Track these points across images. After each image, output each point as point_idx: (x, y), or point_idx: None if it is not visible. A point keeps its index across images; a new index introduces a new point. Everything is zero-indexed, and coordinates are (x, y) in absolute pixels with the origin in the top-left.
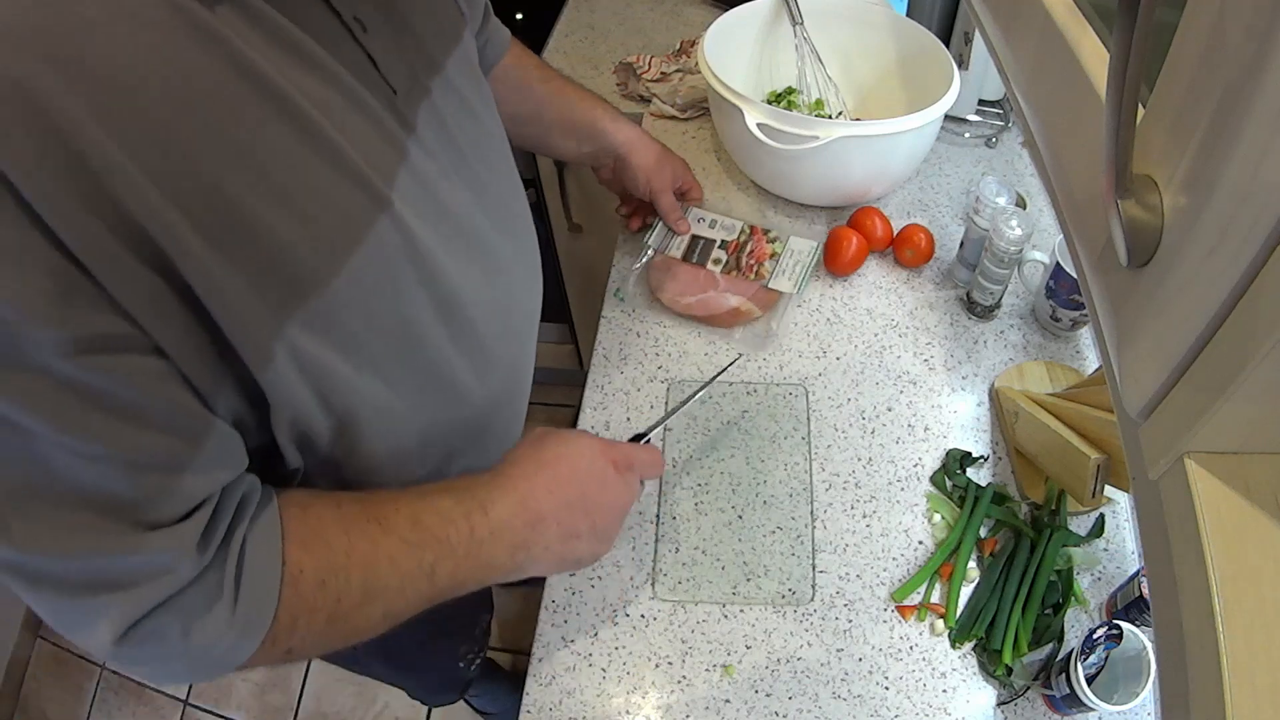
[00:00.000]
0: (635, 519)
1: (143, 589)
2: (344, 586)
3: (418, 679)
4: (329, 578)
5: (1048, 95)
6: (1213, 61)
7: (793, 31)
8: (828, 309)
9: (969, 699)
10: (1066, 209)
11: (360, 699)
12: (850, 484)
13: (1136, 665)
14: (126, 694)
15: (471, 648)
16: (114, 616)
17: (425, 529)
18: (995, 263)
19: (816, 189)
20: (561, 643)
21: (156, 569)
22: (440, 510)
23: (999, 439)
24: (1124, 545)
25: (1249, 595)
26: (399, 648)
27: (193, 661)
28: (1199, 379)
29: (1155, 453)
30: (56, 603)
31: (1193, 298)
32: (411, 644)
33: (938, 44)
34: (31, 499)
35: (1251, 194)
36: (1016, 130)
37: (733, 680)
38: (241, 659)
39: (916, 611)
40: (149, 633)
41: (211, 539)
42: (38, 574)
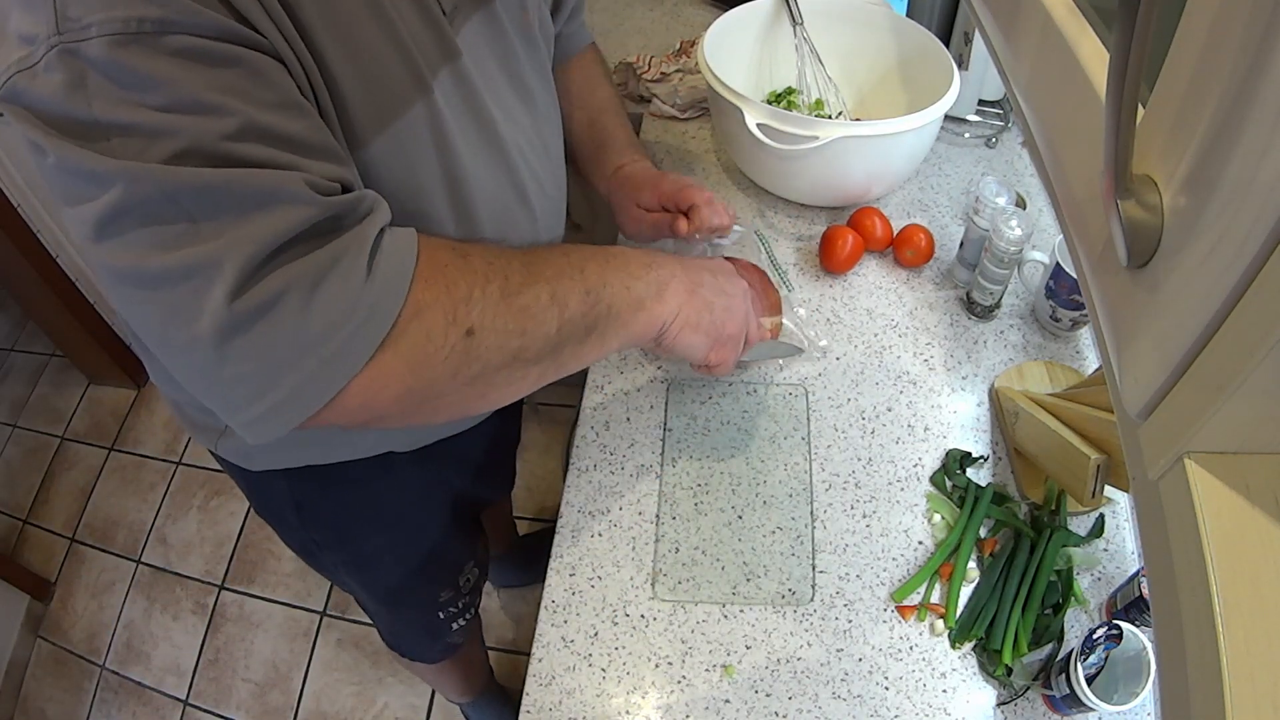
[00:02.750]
0: (635, 519)
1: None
2: (509, 266)
3: (392, 613)
4: (495, 259)
5: (1048, 95)
6: (1213, 61)
7: (793, 31)
8: (828, 309)
9: (969, 699)
10: (1066, 209)
11: (360, 699)
12: (850, 484)
13: (1136, 665)
14: (126, 694)
15: (454, 600)
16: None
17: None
18: (995, 263)
19: (816, 189)
20: (561, 643)
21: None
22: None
23: (999, 439)
24: (1124, 545)
25: (1249, 595)
26: (382, 566)
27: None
28: (1199, 379)
29: (1155, 453)
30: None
31: (1193, 298)
32: (395, 568)
33: (938, 44)
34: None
35: (1251, 194)
36: (1016, 130)
37: (733, 680)
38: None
39: (916, 611)
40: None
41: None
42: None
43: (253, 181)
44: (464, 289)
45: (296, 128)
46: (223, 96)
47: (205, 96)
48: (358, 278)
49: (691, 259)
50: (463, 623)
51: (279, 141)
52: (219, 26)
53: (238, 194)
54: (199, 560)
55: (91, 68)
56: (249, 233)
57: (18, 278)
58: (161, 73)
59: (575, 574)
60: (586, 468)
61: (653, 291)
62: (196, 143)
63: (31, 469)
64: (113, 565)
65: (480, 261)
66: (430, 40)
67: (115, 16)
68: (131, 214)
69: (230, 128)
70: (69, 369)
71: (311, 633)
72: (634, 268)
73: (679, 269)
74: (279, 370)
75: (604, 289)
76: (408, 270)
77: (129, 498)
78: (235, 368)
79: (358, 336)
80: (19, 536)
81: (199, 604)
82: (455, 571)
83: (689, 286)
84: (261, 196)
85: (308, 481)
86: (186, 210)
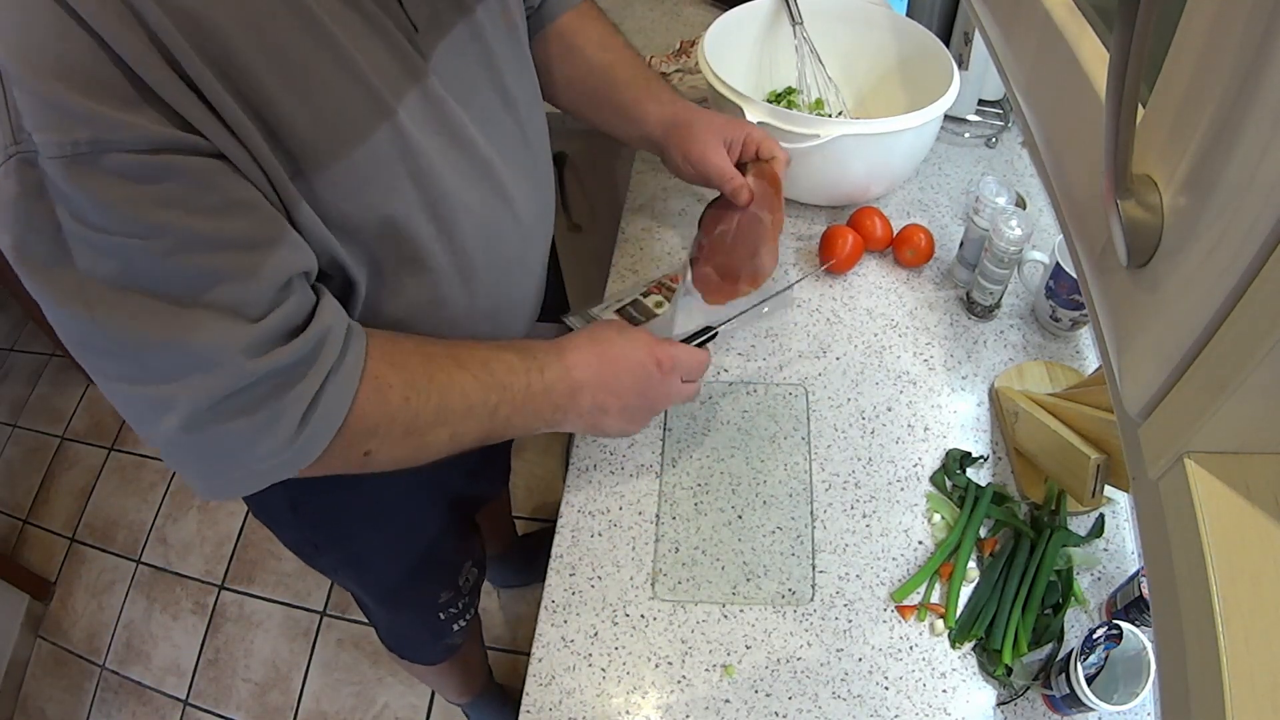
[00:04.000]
0: (635, 519)
1: (203, 378)
2: (423, 405)
3: (393, 615)
4: (412, 395)
5: (1048, 95)
6: (1213, 61)
7: (793, 31)
8: (828, 309)
9: (969, 699)
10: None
11: (360, 699)
12: (850, 484)
13: (1136, 665)
14: (126, 694)
15: (454, 600)
16: (176, 410)
17: (494, 374)
18: (995, 263)
19: (816, 188)
20: (561, 643)
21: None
22: (507, 362)
23: (999, 439)
24: (1124, 545)
25: (1249, 595)
26: (379, 566)
27: (251, 472)
28: (1199, 379)
29: (1155, 453)
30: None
31: (1193, 297)
32: (392, 568)
33: (938, 44)
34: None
35: (1251, 194)
36: (1016, 130)
37: (733, 680)
38: (301, 466)
39: (916, 611)
40: (214, 433)
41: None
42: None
43: (192, 346)
44: (372, 424)
45: (241, 226)
46: (161, 211)
47: (144, 215)
48: (287, 433)
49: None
50: (463, 623)
51: (222, 244)
52: (152, 139)
53: (184, 353)
54: (199, 560)
55: (47, 181)
56: (192, 388)
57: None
58: (101, 194)
59: (575, 574)
60: (586, 468)
61: (554, 424)
62: (140, 262)
63: (31, 469)
64: (113, 565)
65: (398, 398)
66: (393, 66)
67: (54, 140)
68: (89, 348)
69: (168, 245)
70: (69, 369)
71: (311, 633)
72: (544, 411)
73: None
74: (217, 471)
75: (506, 428)
76: (334, 427)
77: (129, 498)
78: (181, 461)
79: (285, 466)
80: (19, 536)
81: (199, 604)
82: (454, 572)
83: (592, 412)
84: (200, 361)
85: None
86: (138, 359)
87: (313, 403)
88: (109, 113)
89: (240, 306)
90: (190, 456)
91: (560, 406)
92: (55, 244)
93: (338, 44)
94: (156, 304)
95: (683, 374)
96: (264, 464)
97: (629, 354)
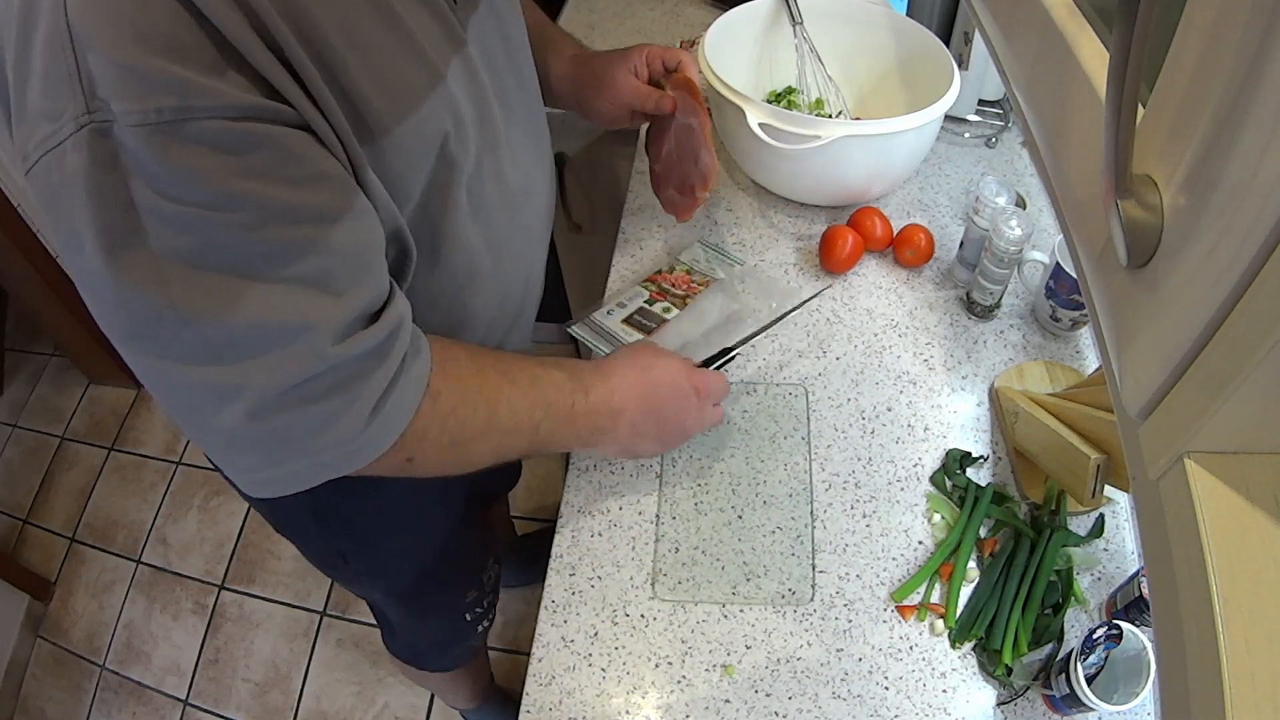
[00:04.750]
0: (635, 519)
1: (282, 355)
2: (470, 416)
3: (420, 620)
4: (460, 405)
5: (1048, 95)
6: (1213, 61)
7: (793, 31)
8: (827, 309)
9: (969, 699)
10: (1066, 209)
11: (360, 699)
12: (850, 484)
13: (1136, 665)
14: (126, 694)
15: (479, 600)
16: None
17: (540, 391)
18: (995, 263)
19: (817, 188)
20: (561, 643)
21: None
22: (555, 381)
23: (999, 439)
24: (1124, 545)
25: (1249, 595)
26: (406, 570)
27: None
28: (1199, 379)
29: (1155, 453)
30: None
31: (1192, 297)
32: (419, 571)
33: (938, 44)
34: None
35: (1251, 194)
36: (1016, 130)
37: (733, 680)
38: (362, 463)
39: (916, 611)
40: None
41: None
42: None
43: (275, 324)
44: (420, 430)
45: (323, 198)
46: (245, 182)
47: (227, 186)
48: (357, 424)
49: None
50: (487, 623)
51: (305, 216)
52: (241, 106)
53: (262, 331)
54: (199, 560)
55: (122, 152)
56: (267, 369)
57: (18, 278)
58: (184, 163)
59: (575, 574)
60: (586, 468)
61: (592, 444)
62: (219, 236)
63: (31, 469)
64: (113, 565)
65: (447, 406)
66: (440, 34)
67: (136, 107)
68: (153, 333)
69: (251, 218)
70: (69, 369)
71: (311, 633)
72: (583, 431)
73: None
74: (277, 462)
75: (547, 445)
76: (406, 419)
77: (129, 498)
78: (238, 455)
79: (348, 459)
80: (19, 536)
81: (199, 604)
82: (479, 569)
83: (630, 436)
84: (282, 338)
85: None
86: (212, 340)
87: (385, 393)
88: (195, 78)
89: (324, 281)
90: (251, 448)
91: (601, 429)
92: (127, 221)
93: (394, 11)
94: (237, 280)
95: (712, 398)
96: (328, 455)
97: (668, 380)
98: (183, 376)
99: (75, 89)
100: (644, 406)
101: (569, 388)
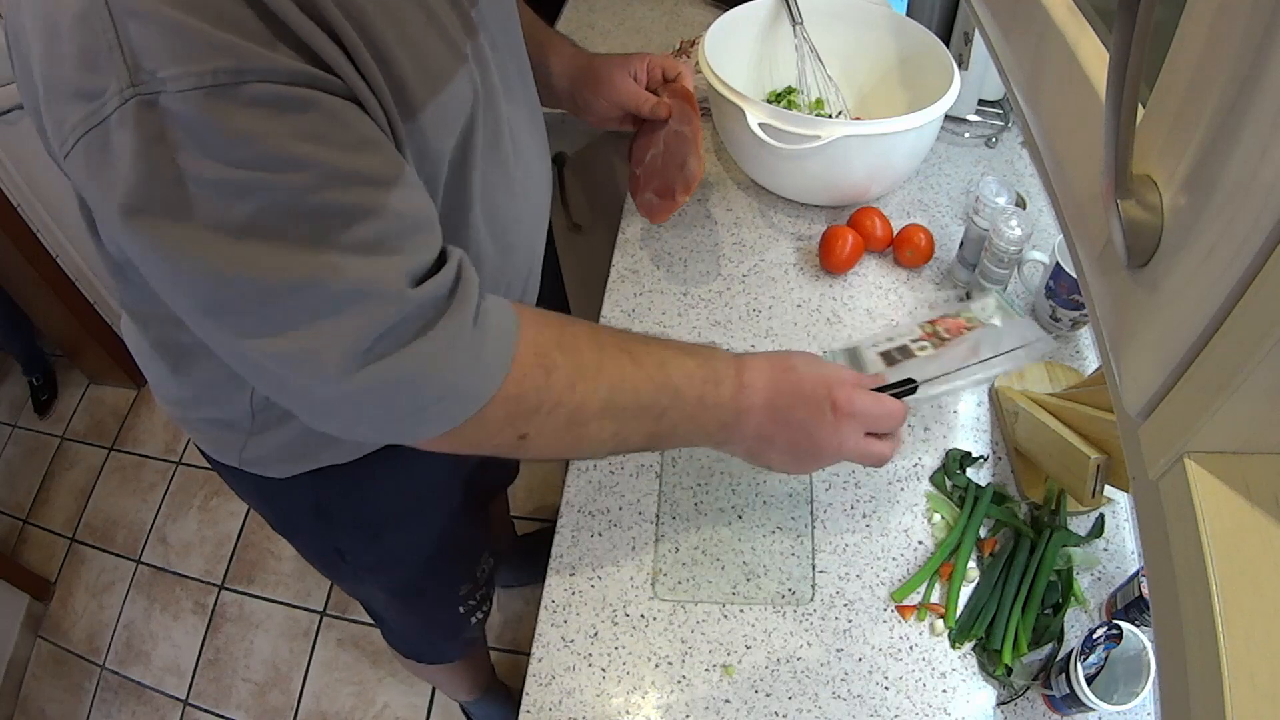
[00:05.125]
0: (635, 519)
1: (358, 313)
2: (590, 393)
3: (415, 614)
4: (579, 381)
5: (1048, 95)
6: (1213, 61)
7: (793, 31)
8: (828, 309)
9: (969, 699)
10: (1066, 209)
11: (360, 699)
12: (850, 484)
13: (1136, 665)
14: (126, 694)
15: (473, 592)
16: (336, 350)
17: (669, 376)
18: (995, 263)
19: (817, 188)
20: (561, 643)
21: (371, 291)
22: (685, 368)
23: (999, 439)
24: (1124, 545)
25: (1249, 595)
26: (402, 564)
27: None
28: (1199, 379)
29: (1155, 453)
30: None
31: (1192, 298)
32: (415, 564)
33: (938, 44)
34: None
35: (1251, 194)
36: (1016, 130)
37: (733, 680)
38: (480, 403)
39: (916, 611)
40: (376, 378)
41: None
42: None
43: (344, 281)
44: (533, 404)
45: (375, 163)
46: (302, 144)
47: (286, 148)
48: (464, 357)
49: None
50: (481, 615)
51: (360, 180)
52: (292, 71)
53: (330, 293)
54: (199, 560)
55: (171, 122)
56: (344, 328)
57: (18, 278)
58: (241, 126)
59: (575, 574)
60: (586, 467)
61: (718, 442)
62: (279, 199)
63: (31, 469)
64: (113, 565)
65: (563, 381)
66: (457, 19)
67: (190, 71)
68: (225, 309)
69: (311, 180)
70: (69, 369)
71: (311, 633)
72: (710, 426)
73: (751, 434)
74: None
75: (671, 436)
76: (510, 344)
77: (129, 498)
78: (359, 421)
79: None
80: (19, 536)
81: (199, 604)
82: (473, 563)
83: (756, 440)
84: (354, 294)
85: (329, 481)
86: (281, 305)
87: (478, 317)
88: (245, 44)
89: (384, 242)
90: (361, 407)
91: (727, 425)
92: (179, 195)
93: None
94: (302, 245)
95: (864, 423)
96: (443, 394)
97: (805, 387)
98: (266, 347)
99: (117, 62)
100: (772, 410)
101: (700, 376)
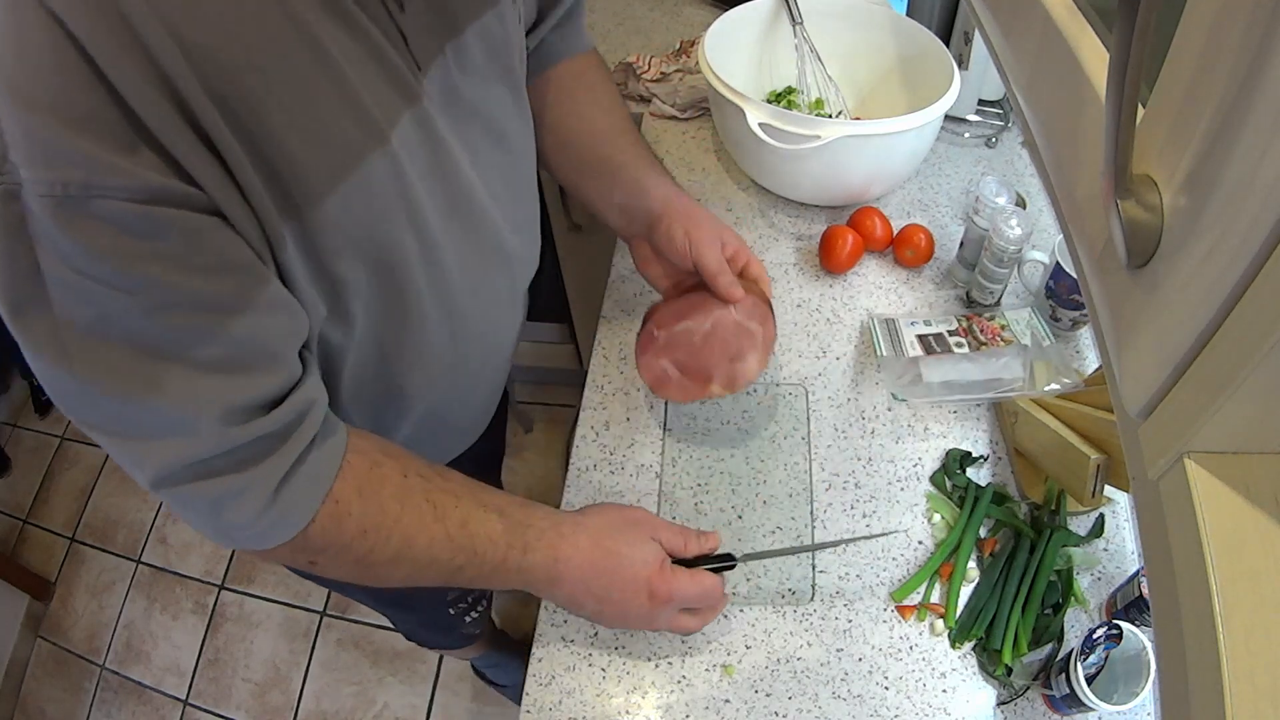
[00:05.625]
0: None
1: (176, 441)
2: (381, 544)
3: (406, 615)
4: (371, 531)
5: (1048, 95)
6: (1213, 61)
7: (793, 31)
8: (828, 309)
9: (969, 699)
10: (1066, 209)
11: (360, 699)
12: (850, 484)
13: (1136, 665)
14: (126, 694)
15: (462, 597)
16: (147, 467)
17: (470, 537)
18: (995, 262)
19: (817, 188)
20: (561, 643)
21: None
22: (489, 531)
23: (999, 439)
24: (1124, 545)
25: (1249, 595)
26: None
27: (219, 532)
28: (1199, 379)
29: (1155, 453)
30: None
31: (1192, 297)
32: None
33: (938, 44)
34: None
35: (1251, 194)
36: (1016, 130)
37: (733, 680)
38: (264, 547)
39: (916, 611)
40: (181, 496)
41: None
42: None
43: (168, 407)
44: (320, 545)
45: (226, 287)
46: (148, 265)
47: (129, 268)
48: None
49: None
50: (475, 614)
51: (205, 306)
52: (148, 188)
53: (154, 411)
54: (199, 560)
55: (30, 217)
56: (157, 450)
57: None
58: (86, 240)
59: None
60: (586, 468)
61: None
62: (117, 315)
63: (31, 469)
64: (113, 565)
65: (354, 529)
66: (388, 88)
67: (41, 178)
68: (65, 394)
69: (153, 302)
70: None
71: (311, 633)
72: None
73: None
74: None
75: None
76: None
77: (129, 497)
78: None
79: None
80: (19, 536)
81: (199, 604)
82: None
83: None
84: (173, 422)
85: None
86: (114, 411)
87: (286, 478)
88: (104, 155)
89: (223, 366)
90: (178, 508)
91: (534, 586)
92: (34, 285)
93: (342, 73)
94: (135, 359)
95: (681, 604)
96: (234, 530)
97: (625, 572)
98: (100, 439)
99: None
100: (585, 585)
101: (504, 543)
